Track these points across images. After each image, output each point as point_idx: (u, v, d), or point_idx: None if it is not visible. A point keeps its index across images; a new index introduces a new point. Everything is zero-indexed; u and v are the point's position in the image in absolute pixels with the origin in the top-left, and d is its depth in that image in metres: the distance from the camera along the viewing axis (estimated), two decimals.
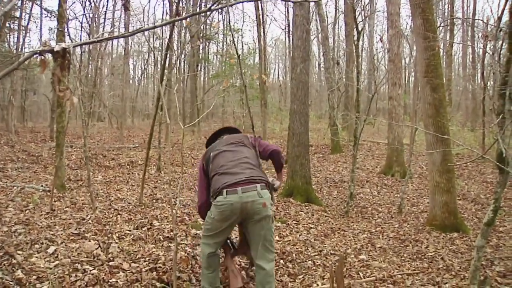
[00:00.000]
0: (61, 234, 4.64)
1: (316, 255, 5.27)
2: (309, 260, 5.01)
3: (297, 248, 5.33)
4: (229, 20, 23.09)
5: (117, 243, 4.52)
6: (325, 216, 7.49)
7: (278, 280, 4.17)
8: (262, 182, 3.29)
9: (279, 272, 4.44)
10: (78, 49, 19.14)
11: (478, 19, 19.12)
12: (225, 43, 28.78)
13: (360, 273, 4.81)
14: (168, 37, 7.84)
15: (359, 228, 6.93)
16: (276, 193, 3.78)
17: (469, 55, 25.94)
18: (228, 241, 3.81)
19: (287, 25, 22.95)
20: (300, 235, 6.02)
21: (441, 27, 20.24)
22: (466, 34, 26.21)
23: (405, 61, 20.14)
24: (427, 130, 7.21)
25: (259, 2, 17.40)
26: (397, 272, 4.87)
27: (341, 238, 6.25)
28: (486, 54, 5.97)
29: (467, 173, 12.51)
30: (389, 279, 4.61)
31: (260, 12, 18.83)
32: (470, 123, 21.50)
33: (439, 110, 7.10)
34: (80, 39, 19.95)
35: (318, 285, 4.27)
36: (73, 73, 9.09)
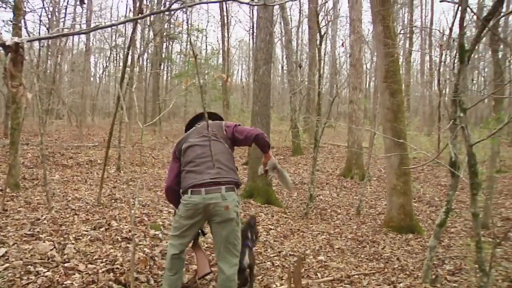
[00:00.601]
0: (13, 235, 4.48)
1: (275, 256, 5.32)
2: (268, 261, 5.06)
3: (256, 249, 5.36)
4: (191, 20, 22.93)
5: (73, 244, 4.41)
6: (285, 218, 7.57)
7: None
8: (229, 184, 3.24)
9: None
10: (36, 44, 18.55)
11: (435, 29, 19.82)
12: (188, 42, 28.57)
13: (318, 274, 4.89)
14: (130, 35, 7.72)
15: (318, 229, 7.04)
16: (277, 171, 3.67)
17: (427, 62, 26.81)
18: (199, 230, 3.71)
19: (251, 27, 23.08)
20: (259, 236, 6.06)
21: (401, 35, 20.83)
22: (424, 42, 27.10)
23: (366, 66, 20.61)
24: (386, 134, 7.42)
25: (224, 3, 17.39)
26: (354, 272, 4.99)
27: (300, 239, 6.33)
28: (442, 62, 6.21)
29: (423, 177, 12.94)
30: (346, 279, 4.71)
31: (225, 13, 18.87)
32: (427, 128, 22.23)
33: (397, 115, 7.32)
34: (39, 33, 19.33)
35: (276, 285, 4.31)
36: (31, 68, 8.81)
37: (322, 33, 9.10)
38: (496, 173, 10.58)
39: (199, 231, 3.63)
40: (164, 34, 24.09)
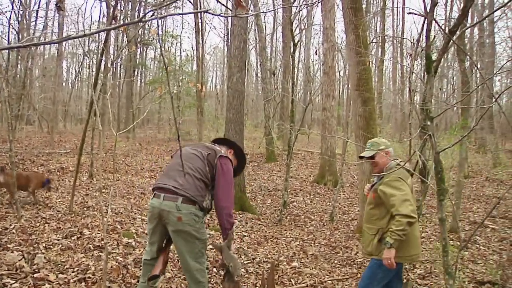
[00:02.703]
0: None
1: (249, 262, 5.34)
2: (242, 268, 5.07)
3: None
4: (166, 26, 22.85)
5: (43, 253, 4.33)
6: (259, 224, 7.60)
7: None
8: (186, 197, 3.15)
9: (213, 280, 4.45)
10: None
11: (406, 38, 20.30)
12: (163, 49, 28.42)
13: (292, 280, 4.94)
14: (103, 41, 7.65)
15: (292, 236, 7.09)
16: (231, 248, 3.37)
17: (399, 70, 27.37)
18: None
19: (226, 34, 23.17)
20: (233, 243, 6.06)
21: (373, 43, 21.26)
22: (395, 51, 27.70)
23: (339, 74, 20.91)
24: (358, 141, 7.54)
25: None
26: (328, 278, 5.05)
27: (274, 246, 6.37)
28: (412, 72, 6.36)
29: None
30: (320, 285, 4.77)
31: (199, 20, 18.87)
32: (399, 135, 22.67)
33: (369, 122, 7.46)
34: (8, 37, 18.93)
35: None
36: None
37: (296, 41, 9.21)
38: (464, 178, 10.89)
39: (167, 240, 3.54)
40: (138, 40, 23.92)
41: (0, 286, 3.45)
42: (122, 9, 20.89)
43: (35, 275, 3.73)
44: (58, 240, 4.89)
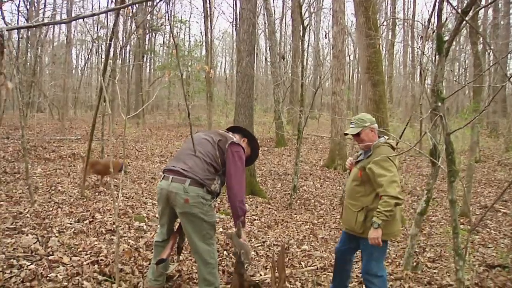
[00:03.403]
0: None
1: (259, 246, 5.38)
2: (252, 251, 5.11)
3: None
4: (174, 11, 22.77)
5: (57, 236, 4.40)
6: (269, 208, 7.63)
7: (221, 271, 4.23)
8: (195, 179, 3.16)
9: (223, 263, 4.50)
10: (15, 35, 18.22)
11: (417, 21, 20.00)
12: (171, 34, 28.35)
13: (302, 263, 4.97)
14: (112, 26, 7.64)
15: (302, 219, 7.12)
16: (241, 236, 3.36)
17: (409, 54, 27.08)
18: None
19: (234, 19, 22.97)
20: (244, 230, 6.10)
21: (383, 26, 21.02)
22: (406, 34, 27.34)
23: (349, 57, 20.76)
24: None
25: None
26: None
27: (284, 230, 6.40)
28: (423, 54, 6.28)
29: (405, 167, 13.11)
30: (330, 268, 4.79)
31: (208, 4, 18.74)
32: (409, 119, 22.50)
33: (379, 106, 7.43)
34: (17, 24, 18.99)
35: (261, 274, 4.37)
36: (9, 60, 8.67)
37: (305, 25, 9.13)
38: (475, 162, 10.80)
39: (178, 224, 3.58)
40: (147, 26, 23.88)
41: (17, 267, 3.52)
42: None
43: (49, 258, 3.79)
44: (70, 224, 4.96)
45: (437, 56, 2.99)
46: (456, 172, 2.59)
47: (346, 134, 3.64)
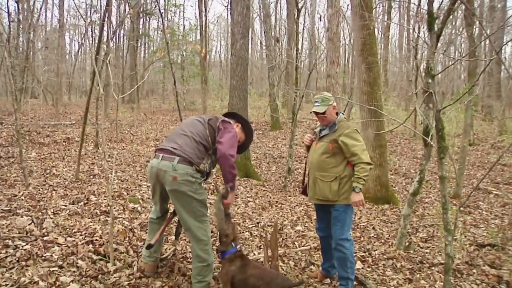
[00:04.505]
0: None
1: (253, 226, 5.43)
2: (246, 232, 5.17)
3: (234, 221, 5.45)
4: None
5: (51, 218, 4.42)
6: (264, 190, 7.68)
7: (215, 250, 4.26)
8: (183, 157, 3.18)
9: (217, 243, 4.53)
10: (5, 19, 18.02)
11: (412, 3, 19.89)
12: (166, 18, 28.14)
13: (296, 243, 5.03)
14: (105, 6, 7.56)
15: (296, 201, 7.17)
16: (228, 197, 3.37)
17: (405, 38, 26.98)
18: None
19: (229, 2, 22.76)
20: (238, 208, 6.16)
21: (378, 9, 20.89)
22: (402, 17, 27.23)
23: (344, 41, 20.67)
24: (362, 107, 7.54)
25: None
26: None
27: (279, 211, 6.46)
28: (418, 36, 6.28)
29: (399, 150, 13.19)
30: None
31: None
32: (404, 103, 22.54)
33: (373, 88, 7.43)
34: (7, 9, 18.78)
35: (254, 254, 4.42)
36: (0, 42, 8.57)
37: (300, 7, 9.08)
38: (469, 145, 10.87)
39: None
40: (141, 10, 23.65)
41: (12, 247, 3.54)
42: None
43: (44, 238, 3.82)
44: (65, 206, 4.98)
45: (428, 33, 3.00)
46: (445, 149, 2.61)
47: (316, 113, 3.78)
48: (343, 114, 3.87)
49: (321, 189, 3.71)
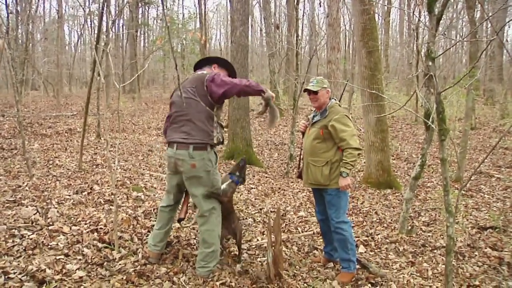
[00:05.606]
0: None
1: (256, 213, 5.47)
2: (249, 218, 5.20)
3: (238, 207, 5.50)
4: None
5: (56, 208, 4.46)
6: (266, 177, 7.71)
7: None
8: (196, 143, 3.22)
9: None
10: (3, 11, 17.93)
11: None
12: (165, 7, 27.95)
13: (299, 228, 5.06)
14: None
15: (299, 187, 7.20)
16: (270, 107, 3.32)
17: (406, 23, 26.81)
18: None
19: None
20: (241, 195, 6.19)
21: None
22: (402, 2, 27.02)
23: (345, 27, 20.53)
24: (363, 92, 7.52)
25: None
26: None
27: (281, 197, 6.49)
28: (419, 21, 6.24)
29: (401, 135, 13.20)
30: None
31: None
32: (406, 89, 22.46)
33: (374, 73, 7.40)
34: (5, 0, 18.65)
35: (258, 240, 4.46)
36: None
37: None
38: (471, 129, 10.86)
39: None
40: None
41: (19, 237, 3.58)
42: None
43: (50, 227, 3.86)
44: (69, 195, 5.02)
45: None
46: (446, 131, 2.62)
47: (306, 90, 3.84)
48: (335, 100, 3.91)
49: (313, 174, 3.77)
